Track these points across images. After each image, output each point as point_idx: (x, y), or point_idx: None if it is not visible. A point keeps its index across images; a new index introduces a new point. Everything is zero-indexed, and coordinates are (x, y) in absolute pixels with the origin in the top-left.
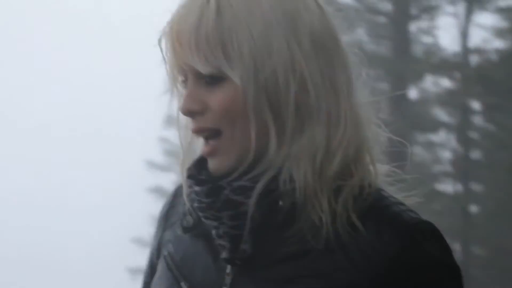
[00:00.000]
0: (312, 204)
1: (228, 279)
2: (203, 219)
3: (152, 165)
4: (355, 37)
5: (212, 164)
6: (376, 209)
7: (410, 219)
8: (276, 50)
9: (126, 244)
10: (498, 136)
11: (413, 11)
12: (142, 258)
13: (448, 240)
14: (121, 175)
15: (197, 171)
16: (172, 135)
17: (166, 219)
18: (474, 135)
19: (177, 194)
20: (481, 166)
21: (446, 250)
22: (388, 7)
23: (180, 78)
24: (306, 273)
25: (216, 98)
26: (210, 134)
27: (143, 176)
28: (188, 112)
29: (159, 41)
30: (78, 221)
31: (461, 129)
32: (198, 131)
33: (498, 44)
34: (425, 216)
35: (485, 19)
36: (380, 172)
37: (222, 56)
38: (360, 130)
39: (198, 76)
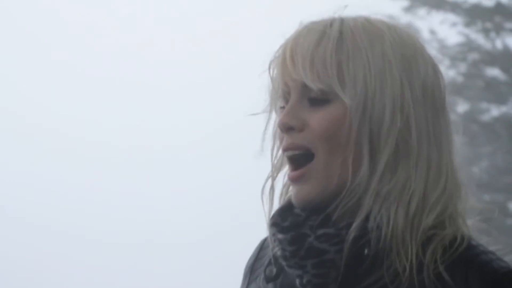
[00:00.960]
0: (398, 252)
1: None
2: (286, 268)
3: None
4: (506, 110)
5: (297, 191)
6: (465, 258)
7: (499, 268)
8: (389, 85)
9: None
10: None
11: None
12: None
13: None
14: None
15: (281, 218)
16: None
17: (251, 271)
18: None
19: (263, 246)
20: None
21: None
22: None
23: (280, 104)
24: None
25: (318, 117)
26: (301, 155)
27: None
28: (285, 126)
29: (270, 63)
30: None
31: None
32: (290, 148)
33: None
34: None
35: None
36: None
37: (336, 76)
38: (459, 188)
39: (303, 94)
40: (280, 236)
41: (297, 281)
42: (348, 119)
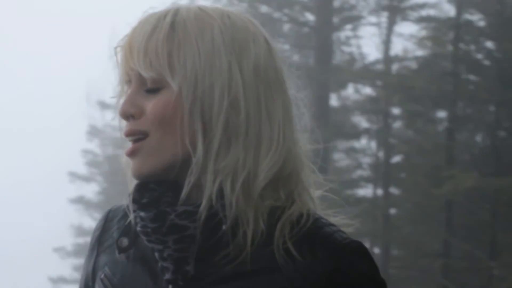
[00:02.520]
0: (243, 224)
1: None
2: (146, 243)
3: (75, 176)
4: (278, 47)
5: (133, 165)
6: (310, 231)
7: (342, 239)
8: (217, 69)
9: (48, 254)
10: (417, 142)
11: (336, 21)
12: (64, 268)
13: (369, 243)
14: (44, 186)
15: (139, 194)
16: (95, 146)
17: (99, 243)
18: (394, 141)
19: (108, 218)
20: (400, 170)
21: (374, 267)
22: (311, 17)
23: (126, 87)
24: None
25: (153, 104)
26: (138, 137)
27: (66, 187)
28: (125, 114)
29: (115, 51)
30: (0, 232)
31: (382, 135)
32: (129, 134)
33: (419, 52)
34: (345, 220)
35: (407, 29)
36: (315, 197)
37: (167, 64)
38: (295, 157)
39: (140, 83)
40: (142, 213)
41: (157, 255)
42: (180, 103)
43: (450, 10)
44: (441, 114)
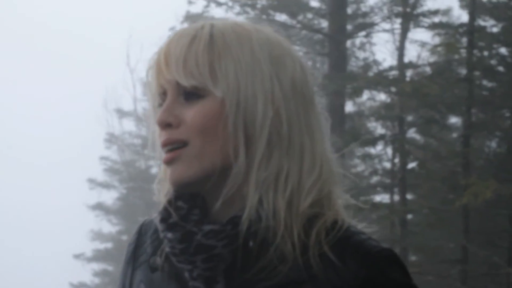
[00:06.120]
0: (282, 236)
1: None
2: (176, 263)
3: (94, 183)
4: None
5: (171, 172)
6: (342, 240)
7: (372, 247)
8: (260, 80)
9: (69, 260)
10: (433, 148)
11: (350, 27)
12: (84, 274)
13: None
14: (63, 193)
15: (167, 213)
16: (113, 153)
17: (134, 258)
18: (410, 147)
19: (141, 232)
20: (416, 176)
21: (406, 273)
22: (324, 24)
23: (158, 102)
24: None
25: (193, 112)
26: (177, 146)
27: (85, 193)
28: (163, 123)
29: (148, 67)
30: (21, 238)
31: (398, 142)
32: (167, 143)
33: (433, 59)
34: (363, 225)
35: (420, 35)
36: (343, 204)
37: (208, 73)
38: (334, 175)
39: (178, 93)
40: (169, 235)
41: (187, 275)
42: (222, 112)
43: (462, 16)
44: (456, 120)
